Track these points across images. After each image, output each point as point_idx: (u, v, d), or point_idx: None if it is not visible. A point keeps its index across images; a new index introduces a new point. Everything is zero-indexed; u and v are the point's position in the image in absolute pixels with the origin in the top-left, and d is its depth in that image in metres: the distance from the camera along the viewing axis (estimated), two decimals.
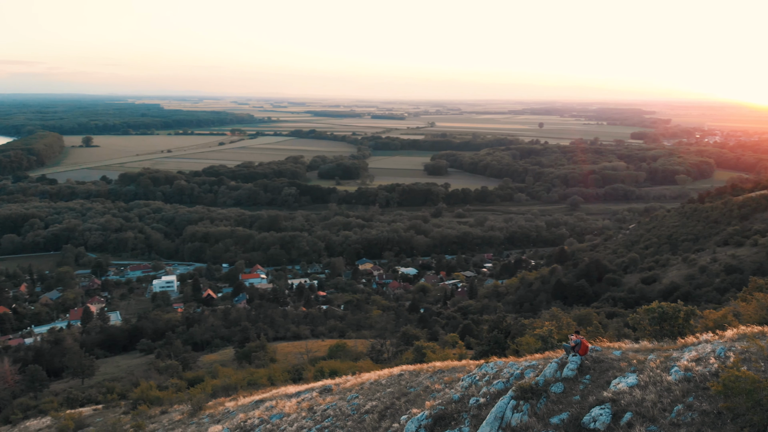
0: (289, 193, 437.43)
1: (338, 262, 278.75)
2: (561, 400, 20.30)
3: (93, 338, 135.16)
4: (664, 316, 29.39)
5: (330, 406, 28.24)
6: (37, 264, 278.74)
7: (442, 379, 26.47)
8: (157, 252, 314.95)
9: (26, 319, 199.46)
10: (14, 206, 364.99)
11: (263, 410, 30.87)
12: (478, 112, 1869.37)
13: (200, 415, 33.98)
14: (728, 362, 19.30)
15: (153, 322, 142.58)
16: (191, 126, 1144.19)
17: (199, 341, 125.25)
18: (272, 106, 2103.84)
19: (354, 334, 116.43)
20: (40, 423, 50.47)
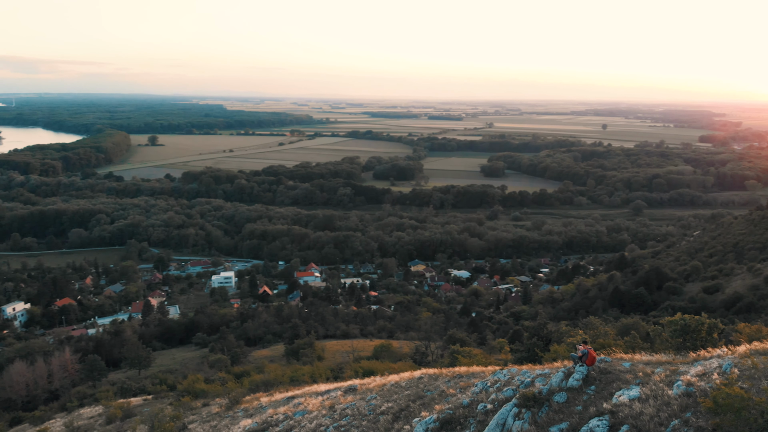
0: (344, 194, 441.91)
1: (390, 263, 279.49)
2: (563, 410, 20.22)
3: (151, 331, 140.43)
4: (686, 328, 28.69)
5: (349, 406, 28.61)
6: (102, 258, 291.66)
7: (458, 384, 26.36)
8: (217, 248, 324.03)
9: (90, 310, 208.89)
10: (82, 202, 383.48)
11: (290, 407, 31.50)
12: (538, 113, 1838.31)
13: (236, 409, 34.99)
14: (730, 378, 18.76)
15: (209, 317, 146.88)
16: (252, 126, 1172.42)
17: (252, 336, 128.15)
18: (330, 107, 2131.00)
19: (402, 336, 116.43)
20: (93, 411, 52.94)
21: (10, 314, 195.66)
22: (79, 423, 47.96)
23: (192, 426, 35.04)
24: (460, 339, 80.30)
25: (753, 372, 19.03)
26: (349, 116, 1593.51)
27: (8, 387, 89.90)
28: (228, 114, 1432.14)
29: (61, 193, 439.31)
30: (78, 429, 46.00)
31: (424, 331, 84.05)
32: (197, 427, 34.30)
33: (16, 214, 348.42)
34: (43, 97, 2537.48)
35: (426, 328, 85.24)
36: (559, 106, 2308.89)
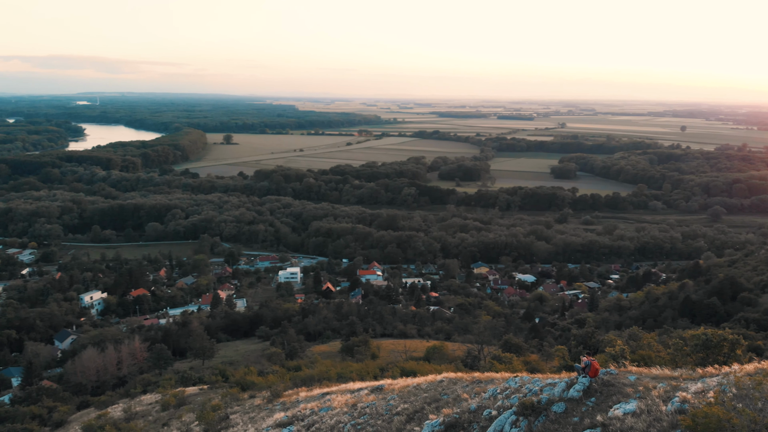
0: (409, 193, 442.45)
1: (453, 264, 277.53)
2: (559, 420, 20.10)
3: (218, 323, 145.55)
4: (707, 343, 27.84)
5: (369, 405, 28.91)
6: (176, 251, 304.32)
7: (474, 390, 26.25)
8: (285, 245, 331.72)
9: (163, 301, 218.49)
10: (159, 197, 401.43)
11: (320, 402, 32.08)
12: (613, 113, 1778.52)
13: (275, 402, 35.91)
14: (725, 397, 18.25)
15: (272, 311, 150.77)
16: (322, 126, 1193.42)
17: (312, 332, 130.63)
18: (399, 108, 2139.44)
19: (459, 338, 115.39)
20: (152, 398, 55.50)
21: (88, 303, 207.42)
22: (138, 409, 50.50)
23: (233, 416, 36.29)
24: (516, 344, 78.83)
25: (751, 392, 18.40)
26: (417, 116, 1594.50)
27: (80, 372, 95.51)
28: (299, 114, 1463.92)
29: (139, 188, 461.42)
30: (135, 414, 48.46)
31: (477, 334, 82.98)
32: (237, 418, 35.53)
33: (97, 208, 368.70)
34: (126, 96, 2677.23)
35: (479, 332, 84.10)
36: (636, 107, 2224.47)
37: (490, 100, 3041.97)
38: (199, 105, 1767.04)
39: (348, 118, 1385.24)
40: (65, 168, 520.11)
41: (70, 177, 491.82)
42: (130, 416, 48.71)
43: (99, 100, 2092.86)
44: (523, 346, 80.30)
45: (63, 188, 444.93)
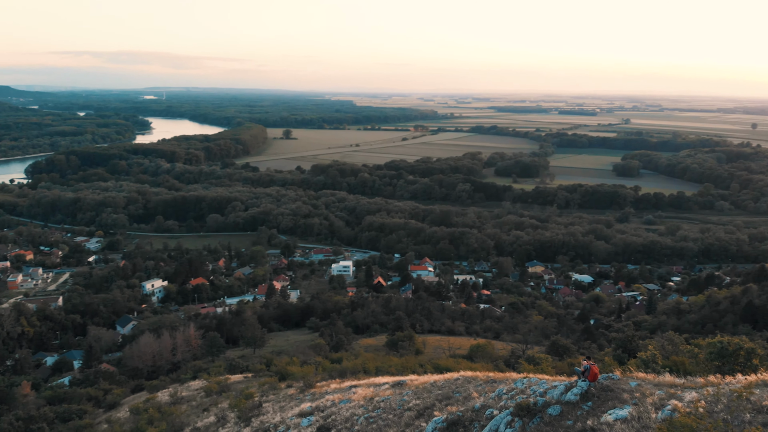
0: (463, 189, 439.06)
1: (506, 262, 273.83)
2: (553, 423, 20.07)
3: (270, 313, 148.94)
4: (723, 352, 27.00)
5: (385, 399, 29.14)
6: (235, 242, 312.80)
7: (485, 389, 26.15)
8: (339, 238, 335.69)
9: (221, 290, 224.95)
10: (220, 190, 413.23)
11: (343, 394, 32.59)
12: (680, 109, 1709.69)
13: (307, 392, 36.67)
14: (715, 408, 17.91)
15: (323, 303, 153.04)
16: (379, 122, 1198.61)
17: (361, 325, 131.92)
18: (456, 102, 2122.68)
19: (508, 338, 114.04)
20: (200, 384, 57.47)
21: (149, 290, 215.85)
22: (184, 394, 52.48)
23: (266, 405, 37.29)
24: (564, 346, 77.22)
25: (743, 404, 17.94)
26: (475, 111, 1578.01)
27: (136, 357, 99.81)
28: (356, 110, 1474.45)
29: (202, 180, 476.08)
30: (181, 399, 50.39)
31: (523, 334, 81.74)
32: (269, 406, 36.54)
33: (161, 199, 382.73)
34: (190, 91, 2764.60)
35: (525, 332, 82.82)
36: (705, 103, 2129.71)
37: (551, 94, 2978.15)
38: (260, 100, 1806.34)
39: (404, 113, 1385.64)
40: (132, 160, 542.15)
41: (136, 169, 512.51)
42: (175, 401, 50.72)
43: (165, 95, 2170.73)
44: (572, 348, 78.53)
45: (129, 179, 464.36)
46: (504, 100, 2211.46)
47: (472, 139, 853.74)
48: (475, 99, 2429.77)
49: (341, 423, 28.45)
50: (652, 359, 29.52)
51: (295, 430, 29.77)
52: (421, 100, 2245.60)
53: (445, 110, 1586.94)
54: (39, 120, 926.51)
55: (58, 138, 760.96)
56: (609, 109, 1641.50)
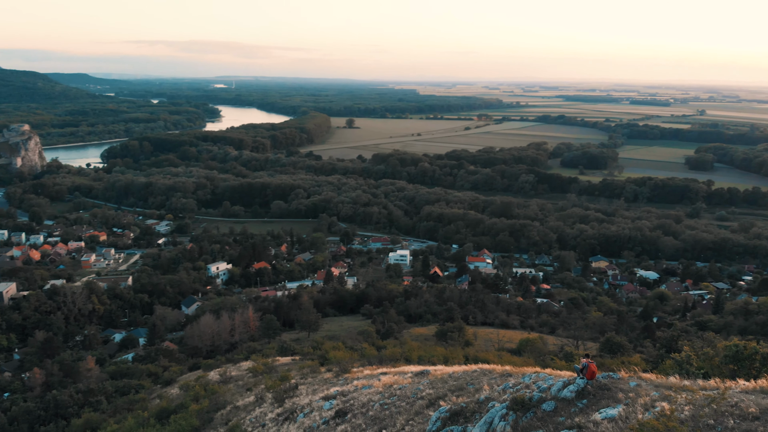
0: (526, 181, 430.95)
1: (568, 256, 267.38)
2: (545, 418, 20.12)
3: (326, 298, 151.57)
4: (738, 356, 26.11)
5: (401, 387, 29.55)
6: (297, 228, 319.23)
7: (498, 382, 26.06)
8: (397, 227, 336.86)
9: (282, 274, 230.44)
10: (284, 177, 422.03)
11: (368, 381, 33.07)
12: (760, 101, 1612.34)
13: (341, 377, 37.38)
14: (701, 412, 17.47)
15: (377, 291, 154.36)
16: (442, 111, 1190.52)
17: (414, 314, 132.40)
18: (522, 91, 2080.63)
19: (564, 333, 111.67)
20: (250, 365, 59.25)
21: (214, 273, 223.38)
22: (233, 373, 54.41)
23: (302, 387, 38.29)
24: (618, 343, 74.95)
25: (731, 409, 17.49)
26: (541, 100, 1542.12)
27: (197, 336, 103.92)
28: (419, 99, 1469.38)
29: (267, 168, 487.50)
30: (230, 378, 52.29)
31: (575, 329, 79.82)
32: (304, 389, 37.53)
33: (228, 185, 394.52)
34: (259, 80, 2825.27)
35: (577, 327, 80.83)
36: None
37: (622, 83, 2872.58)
38: (326, 90, 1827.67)
39: (468, 102, 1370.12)
40: (201, 147, 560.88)
41: (205, 155, 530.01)
42: (224, 380, 52.67)
43: (234, 84, 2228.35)
44: (626, 346, 76.12)
45: (199, 166, 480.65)
46: (573, 89, 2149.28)
47: (538, 129, 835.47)
48: (542, 87, 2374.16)
49: (358, 408, 29.12)
50: (686, 360, 28.47)
51: (318, 411, 30.73)
52: (486, 89, 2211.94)
53: (510, 99, 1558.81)
54: (115, 107, 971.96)
55: (133, 124, 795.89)
56: (683, 100, 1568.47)
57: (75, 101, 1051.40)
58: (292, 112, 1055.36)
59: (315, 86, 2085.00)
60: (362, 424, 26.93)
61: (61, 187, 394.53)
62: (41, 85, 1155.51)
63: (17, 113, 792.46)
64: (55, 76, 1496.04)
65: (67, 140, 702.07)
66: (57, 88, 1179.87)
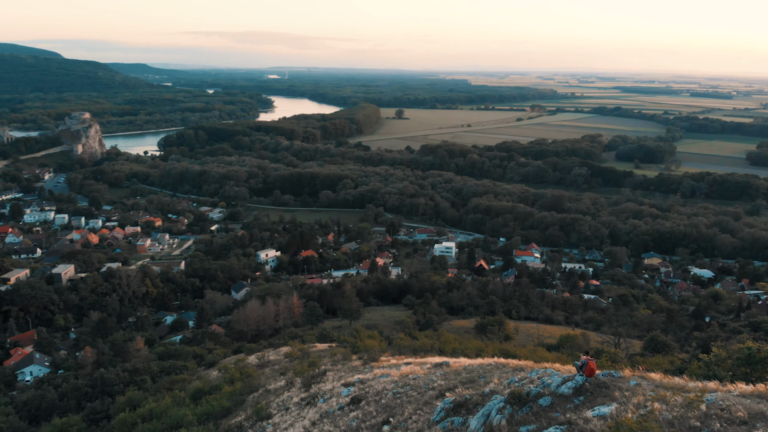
0: (579, 174, 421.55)
1: (620, 252, 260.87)
2: (540, 413, 20.25)
3: (369, 287, 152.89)
4: (750, 359, 25.44)
5: (416, 378, 30.17)
6: (344, 218, 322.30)
7: (507, 376, 26.25)
8: (443, 219, 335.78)
9: (328, 263, 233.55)
10: (333, 167, 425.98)
11: (388, 370, 33.67)
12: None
13: (368, 365, 38.00)
14: (690, 413, 17.18)
15: (420, 282, 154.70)
16: (493, 101, 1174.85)
17: (456, 306, 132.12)
18: (578, 82, 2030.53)
19: (609, 330, 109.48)
20: (287, 350, 60.71)
21: (263, 259, 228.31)
22: (271, 357, 55.95)
23: (330, 374, 39.19)
24: (662, 342, 73.03)
25: (719, 412, 17.21)
26: (597, 91, 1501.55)
27: (242, 321, 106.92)
28: (471, 89, 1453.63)
29: (317, 158, 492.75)
30: (267, 363, 53.77)
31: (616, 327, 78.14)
32: (332, 375, 38.49)
33: (279, 174, 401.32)
34: (311, 71, 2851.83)
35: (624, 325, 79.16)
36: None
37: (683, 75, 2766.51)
38: (376, 80, 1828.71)
39: (521, 92, 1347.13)
40: (254, 137, 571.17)
41: (258, 145, 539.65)
42: (262, 363, 54.20)
43: (287, 75, 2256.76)
44: (672, 345, 74.11)
45: (251, 155, 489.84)
46: (630, 80, 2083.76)
47: (593, 121, 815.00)
48: (598, 78, 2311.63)
49: (372, 395, 29.78)
50: (715, 362, 27.75)
51: (337, 397, 31.51)
52: (540, 79, 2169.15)
53: (565, 90, 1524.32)
54: (172, 96, 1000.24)
55: (189, 114, 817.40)
56: (746, 93, 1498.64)
57: (134, 91, 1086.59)
58: (343, 102, 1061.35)
59: (366, 77, 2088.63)
60: (373, 411, 27.62)
61: (119, 174, 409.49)
62: (102, 75, 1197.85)
63: (79, 102, 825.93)
64: (116, 66, 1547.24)
65: (125, 128, 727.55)
66: (117, 78, 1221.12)
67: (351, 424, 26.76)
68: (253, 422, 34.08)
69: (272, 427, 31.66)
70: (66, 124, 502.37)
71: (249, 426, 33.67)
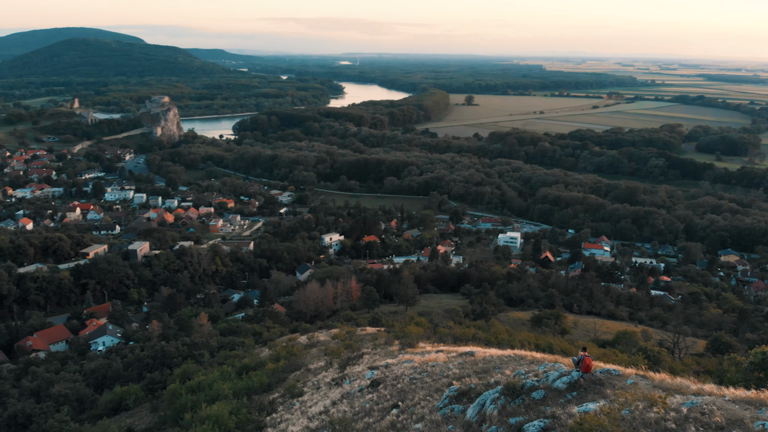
0: (656, 165, 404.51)
1: (695, 248, 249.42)
2: (531, 406, 20.72)
3: (428, 275, 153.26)
4: (764, 364, 25.26)
5: (434, 365, 30.98)
6: (407, 205, 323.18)
7: (521, 368, 26.45)
8: (509, 208, 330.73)
9: (390, 249, 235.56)
10: (399, 154, 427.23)
11: (413, 356, 34.50)
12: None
13: (404, 351, 38.72)
14: (667, 416, 16.97)
15: (479, 271, 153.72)
16: (568, 88, 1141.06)
17: (515, 297, 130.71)
18: (659, 68, 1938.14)
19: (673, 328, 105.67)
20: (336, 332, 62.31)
21: (327, 243, 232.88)
22: (321, 338, 57.69)
23: (366, 357, 40.22)
24: (726, 342, 69.90)
25: (700, 417, 16.81)
26: (680, 79, 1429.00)
27: (302, 301, 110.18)
28: (545, 75, 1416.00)
29: (384, 144, 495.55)
30: (316, 343, 55.51)
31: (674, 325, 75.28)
32: (368, 359, 39.53)
33: (346, 160, 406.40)
34: (382, 56, 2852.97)
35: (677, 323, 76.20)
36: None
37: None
38: (447, 66, 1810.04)
39: (598, 79, 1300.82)
40: (324, 122, 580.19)
41: (327, 131, 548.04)
42: (311, 344, 55.98)
43: (358, 61, 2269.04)
44: (737, 347, 70.69)
45: (320, 140, 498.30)
46: (715, 68, 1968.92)
47: (673, 110, 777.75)
48: (681, 65, 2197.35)
49: (390, 380, 30.53)
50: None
51: (361, 379, 32.49)
52: (619, 65, 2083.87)
53: (645, 77, 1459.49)
54: (247, 82, 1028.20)
55: (263, 99, 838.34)
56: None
57: (211, 76, 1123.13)
58: (412, 88, 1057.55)
59: (436, 62, 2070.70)
60: (387, 394, 28.36)
61: (195, 156, 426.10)
62: (181, 60, 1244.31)
63: (159, 86, 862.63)
64: (194, 51, 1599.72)
65: (202, 112, 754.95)
66: (195, 63, 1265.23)
67: (365, 406, 27.73)
68: (285, 399, 35.63)
69: (299, 404, 33.13)
70: (146, 107, 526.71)
71: (281, 402, 35.26)
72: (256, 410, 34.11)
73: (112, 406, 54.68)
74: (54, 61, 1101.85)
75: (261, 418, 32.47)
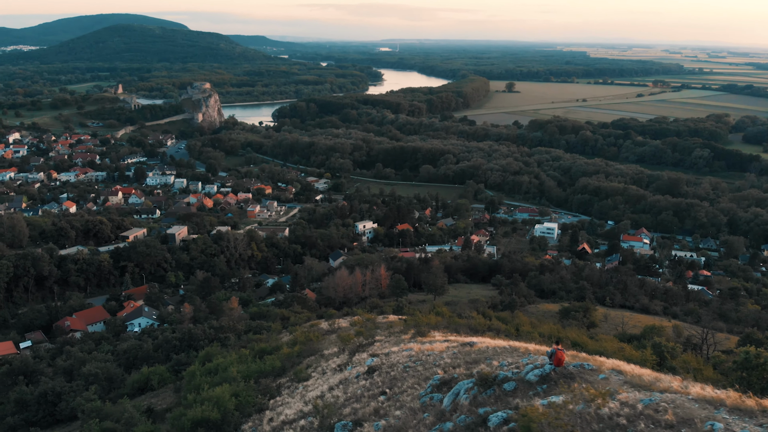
0: (700, 156, 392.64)
1: (737, 242, 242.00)
2: (500, 397, 21.21)
3: (459, 264, 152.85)
4: (746, 363, 24.96)
5: (429, 354, 31.52)
6: (442, 193, 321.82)
7: (512, 358, 26.72)
8: (547, 198, 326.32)
9: (423, 237, 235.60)
10: (436, 142, 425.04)
11: (414, 345, 35.30)
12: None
13: (416, 340, 39.16)
14: (622, 411, 17.37)
15: (511, 262, 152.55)
16: (613, 75, 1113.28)
17: (547, 289, 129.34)
18: (707, 56, 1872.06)
19: (710, 324, 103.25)
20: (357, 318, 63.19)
21: (361, 230, 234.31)
22: (342, 324, 58.61)
23: (376, 345, 40.86)
24: (757, 340, 68.08)
25: (654, 414, 16.98)
26: (728, 67, 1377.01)
27: (331, 288, 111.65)
28: (589, 62, 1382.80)
29: (421, 132, 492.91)
30: (336, 329, 56.46)
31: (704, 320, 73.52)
32: (379, 346, 40.22)
33: (382, 147, 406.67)
34: (423, 43, 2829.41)
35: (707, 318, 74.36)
36: None
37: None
38: (488, 52, 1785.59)
39: (644, 66, 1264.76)
40: (361, 110, 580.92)
41: (364, 118, 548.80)
42: (331, 330, 57.02)
43: (398, 47, 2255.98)
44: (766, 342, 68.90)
45: (357, 128, 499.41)
46: (765, 56, 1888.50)
47: (720, 99, 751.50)
48: (730, 53, 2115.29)
49: (386, 367, 31.19)
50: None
51: (360, 366, 33.24)
52: (666, 53, 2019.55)
53: (692, 65, 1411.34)
54: (287, 69, 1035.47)
55: (302, 86, 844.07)
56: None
57: (252, 62, 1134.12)
58: (452, 75, 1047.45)
59: (477, 48, 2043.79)
60: (380, 381, 28.95)
61: (235, 143, 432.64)
62: (223, 47, 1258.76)
63: (201, 72, 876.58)
64: (236, 38, 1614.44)
65: (243, 99, 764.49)
66: (237, 50, 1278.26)
67: (357, 392, 28.32)
68: (292, 383, 36.66)
69: (302, 389, 34.11)
70: (188, 93, 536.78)
71: (287, 386, 36.30)
72: (262, 393, 35.31)
73: (139, 386, 57.02)
74: (99, 47, 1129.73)
75: (264, 400, 33.69)
